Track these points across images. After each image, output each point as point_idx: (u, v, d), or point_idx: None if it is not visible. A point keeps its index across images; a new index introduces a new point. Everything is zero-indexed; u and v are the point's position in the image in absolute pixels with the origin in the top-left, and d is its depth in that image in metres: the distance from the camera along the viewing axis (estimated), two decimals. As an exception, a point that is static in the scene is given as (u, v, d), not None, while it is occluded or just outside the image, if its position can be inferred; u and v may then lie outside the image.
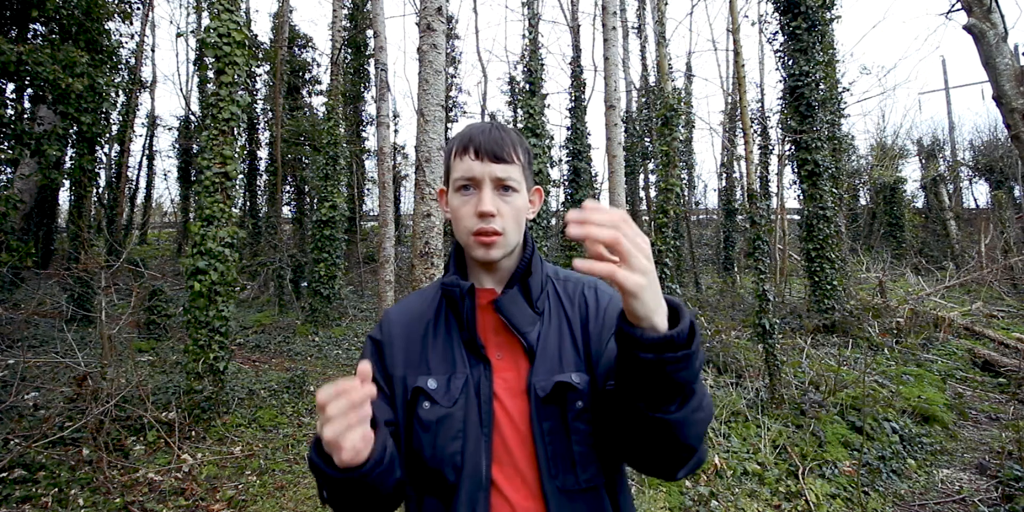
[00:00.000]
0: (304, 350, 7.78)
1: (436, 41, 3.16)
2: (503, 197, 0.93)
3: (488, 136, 0.93)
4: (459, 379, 0.91)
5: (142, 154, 18.88)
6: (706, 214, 23.27)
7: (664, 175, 7.31)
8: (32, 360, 5.25)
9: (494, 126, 0.96)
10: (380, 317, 1.03)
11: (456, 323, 0.96)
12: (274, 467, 4.01)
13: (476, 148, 0.92)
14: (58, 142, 6.00)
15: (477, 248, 0.92)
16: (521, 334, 0.92)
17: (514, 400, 0.91)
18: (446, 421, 0.89)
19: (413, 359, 0.96)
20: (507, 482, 0.88)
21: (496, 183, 0.92)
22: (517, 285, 0.96)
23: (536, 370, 0.91)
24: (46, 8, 6.05)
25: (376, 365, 0.97)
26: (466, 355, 0.94)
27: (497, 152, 0.92)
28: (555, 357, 0.93)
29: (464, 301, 0.94)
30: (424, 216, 3.10)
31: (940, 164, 19.22)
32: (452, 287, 0.95)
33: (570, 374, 0.91)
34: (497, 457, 0.89)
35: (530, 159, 1.00)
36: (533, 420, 0.88)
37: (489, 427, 0.89)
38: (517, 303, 0.94)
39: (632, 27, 16.44)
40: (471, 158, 0.92)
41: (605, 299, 1.00)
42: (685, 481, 3.55)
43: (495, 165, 0.91)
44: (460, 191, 0.94)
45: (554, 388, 0.89)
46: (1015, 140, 3.43)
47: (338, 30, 9.69)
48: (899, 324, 7.54)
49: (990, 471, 3.88)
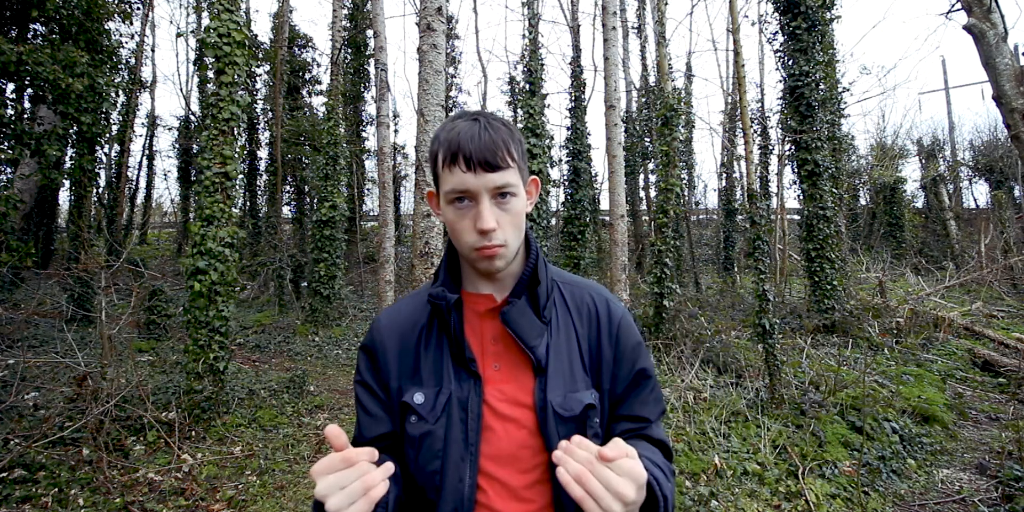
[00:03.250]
0: (304, 350, 7.78)
1: (436, 41, 3.17)
2: (502, 205, 0.87)
3: (479, 143, 0.83)
4: (444, 395, 0.88)
5: (142, 154, 18.90)
6: (706, 214, 23.25)
7: (664, 175, 7.31)
8: (32, 360, 5.24)
9: (483, 125, 0.86)
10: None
11: (446, 334, 0.92)
12: (274, 467, 4.01)
13: (467, 158, 0.83)
14: (58, 142, 6.00)
15: (481, 261, 0.88)
16: (530, 348, 0.88)
17: (514, 414, 0.87)
18: (428, 438, 0.86)
19: (407, 369, 0.92)
20: (498, 498, 0.85)
21: (493, 192, 0.85)
22: (525, 295, 0.91)
23: (550, 386, 0.88)
24: (46, 8, 6.05)
25: (371, 375, 0.94)
26: (454, 369, 0.89)
27: (491, 160, 0.83)
28: (567, 372, 0.90)
29: (450, 315, 0.89)
30: (424, 216, 3.11)
31: (940, 164, 19.22)
32: (439, 300, 0.90)
33: (587, 393, 0.89)
34: (486, 473, 0.85)
35: (523, 152, 0.93)
36: (551, 438, 0.85)
37: (476, 446, 0.85)
38: (525, 315, 0.90)
39: (632, 27, 16.45)
40: (462, 170, 0.84)
41: (617, 316, 0.97)
42: (685, 481, 3.56)
43: (490, 175, 0.84)
44: (454, 203, 0.87)
45: (582, 409, 0.87)
46: (1015, 140, 3.43)
47: (338, 30, 9.69)
48: (899, 324, 7.54)
49: (990, 471, 3.88)
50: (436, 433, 0.86)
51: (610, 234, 6.18)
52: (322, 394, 5.74)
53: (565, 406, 0.87)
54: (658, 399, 0.98)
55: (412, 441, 0.87)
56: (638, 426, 0.94)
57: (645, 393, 0.96)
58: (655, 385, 0.99)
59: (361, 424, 0.94)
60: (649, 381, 0.97)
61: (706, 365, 5.81)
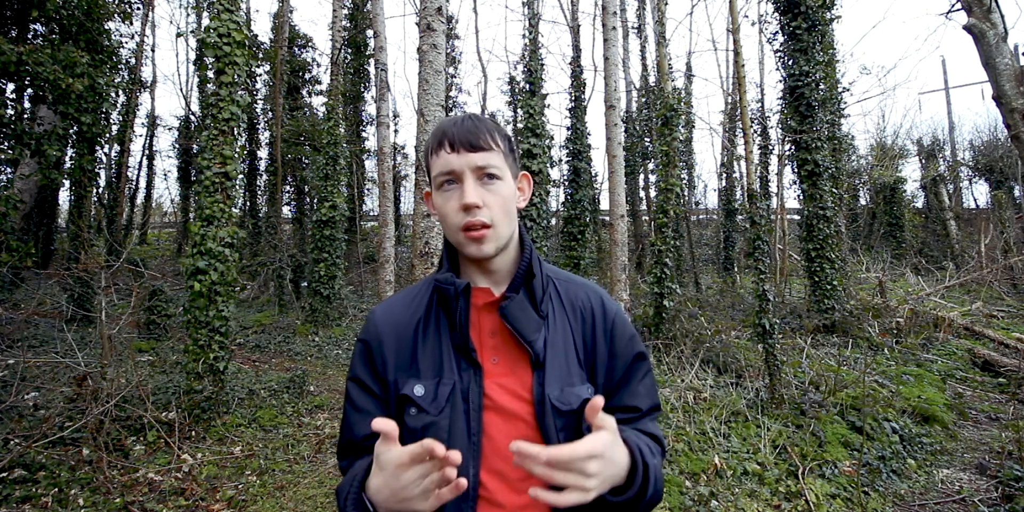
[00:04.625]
0: (304, 350, 7.78)
1: (436, 41, 3.17)
2: (487, 186, 0.89)
3: (461, 127, 0.89)
4: (446, 386, 0.88)
5: (142, 154, 18.90)
6: (706, 214, 23.25)
7: (664, 175, 7.31)
8: (32, 360, 5.25)
9: (467, 116, 0.92)
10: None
11: (447, 324, 0.92)
12: (274, 467, 4.01)
13: (451, 140, 0.88)
14: (58, 142, 6.00)
15: (469, 244, 0.89)
16: (528, 342, 0.89)
17: (513, 407, 0.88)
18: (430, 430, 0.86)
19: (403, 362, 0.92)
20: (498, 490, 0.86)
21: (477, 173, 0.88)
22: (522, 290, 0.93)
23: (548, 380, 0.89)
24: (46, 8, 6.05)
25: (366, 368, 0.94)
26: (455, 359, 0.90)
27: (472, 141, 0.88)
28: (563, 366, 0.91)
29: (458, 301, 0.90)
30: (424, 216, 3.11)
31: (940, 164, 19.22)
32: (447, 285, 0.91)
33: (583, 387, 0.91)
34: (488, 465, 0.86)
35: (511, 145, 0.95)
36: (548, 431, 0.87)
37: (478, 436, 0.86)
38: (524, 309, 0.91)
39: (632, 27, 16.44)
40: (447, 151, 0.88)
41: (612, 312, 0.99)
42: (685, 481, 3.56)
43: (472, 154, 0.88)
44: (442, 188, 0.90)
45: (580, 404, 0.89)
46: (1015, 140, 3.43)
47: (338, 30, 9.69)
48: (899, 324, 7.54)
49: (990, 471, 3.88)
50: (439, 424, 0.86)
51: (610, 234, 6.18)
52: (322, 394, 5.74)
53: (563, 400, 0.88)
54: (651, 391, 0.99)
55: (413, 433, 0.87)
56: (629, 416, 0.96)
57: (636, 383, 0.98)
58: (648, 376, 1.00)
59: (351, 423, 0.93)
60: (642, 369, 0.99)
61: (706, 365, 5.81)
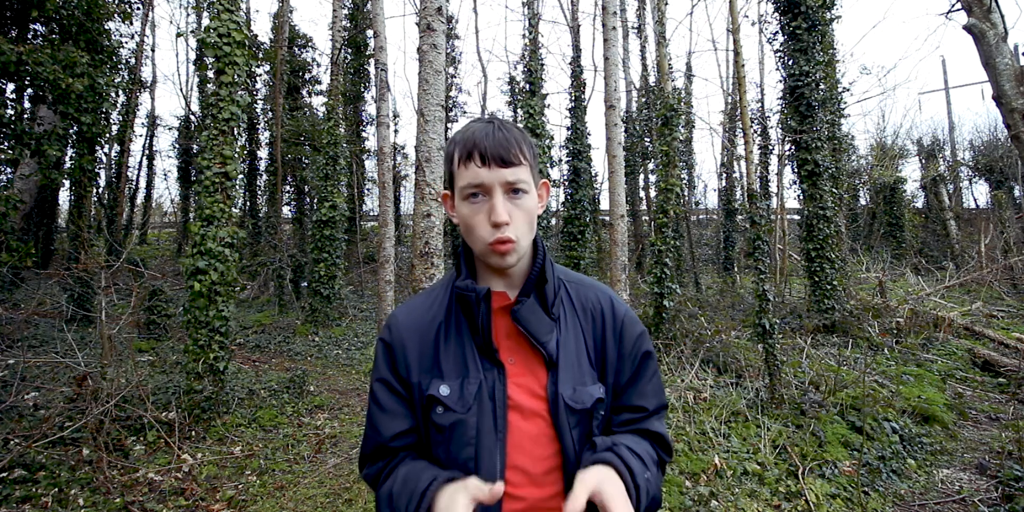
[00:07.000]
0: (304, 350, 7.78)
1: (436, 41, 3.16)
2: (514, 201, 0.91)
3: (493, 140, 0.90)
4: (472, 384, 0.91)
5: (142, 154, 18.89)
6: (706, 214, 23.26)
7: (664, 175, 7.31)
8: (32, 360, 5.24)
9: (496, 126, 0.93)
10: (382, 317, 1.04)
11: (468, 326, 0.95)
12: (274, 467, 4.01)
13: (482, 154, 0.89)
14: (58, 142, 5.99)
15: (493, 256, 0.91)
16: (541, 344, 0.93)
17: (532, 405, 0.92)
18: (459, 427, 0.89)
19: (426, 363, 0.95)
20: (520, 484, 0.90)
21: (506, 187, 0.90)
22: (533, 293, 0.95)
23: (561, 380, 0.93)
24: (46, 8, 6.04)
25: (389, 369, 0.96)
26: (479, 360, 0.93)
27: (504, 156, 0.89)
28: (575, 367, 0.95)
29: (480, 306, 0.93)
30: (424, 216, 3.10)
31: (940, 164, 19.21)
32: (468, 291, 0.93)
33: (595, 387, 0.95)
34: (510, 461, 0.90)
35: (535, 153, 0.98)
36: (563, 428, 0.91)
37: (504, 433, 0.90)
38: (535, 313, 0.94)
39: (632, 27, 16.43)
40: (477, 165, 0.89)
41: (621, 313, 1.02)
42: (685, 481, 3.56)
43: (503, 170, 0.89)
44: (469, 199, 0.91)
45: (592, 403, 0.93)
46: (1015, 140, 3.43)
47: (338, 30, 9.69)
48: (899, 324, 7.53)
49: (990, 471, 3.88)
50: (468, 422, 0.89)
51: (610, 234, 6.18)
52: (322, 394, 5.74)
53: (576, 399, 0.92)
54: (658, 391, 1.02)
55: (441, 430, 0.91)
56: (636, 416, 0.99)
57: (644, 382, 1.01)
58: (656, 375, 1.03)
59: (378, 423, 0.95)
60: (650, 368, 1.02)
61: (706, 365, 5.81)
